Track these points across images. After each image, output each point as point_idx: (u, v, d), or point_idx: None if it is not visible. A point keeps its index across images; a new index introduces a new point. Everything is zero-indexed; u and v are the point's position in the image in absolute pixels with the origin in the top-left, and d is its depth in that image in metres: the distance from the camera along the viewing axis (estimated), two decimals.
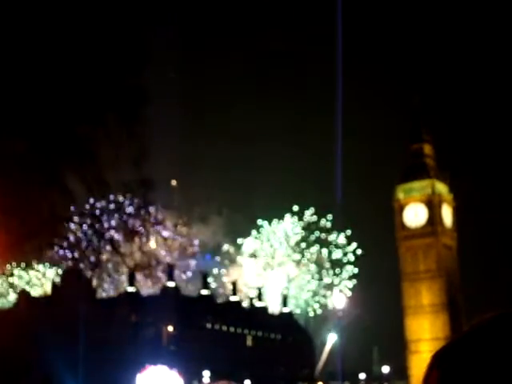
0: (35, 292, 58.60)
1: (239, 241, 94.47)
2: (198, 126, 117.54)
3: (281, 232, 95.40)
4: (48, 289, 59.64)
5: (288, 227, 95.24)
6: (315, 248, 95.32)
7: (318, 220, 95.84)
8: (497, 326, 0.95)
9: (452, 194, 77.81)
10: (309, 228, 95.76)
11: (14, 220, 24.99)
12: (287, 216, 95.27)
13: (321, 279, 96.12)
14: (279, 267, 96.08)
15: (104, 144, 26.64)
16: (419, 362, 71.20)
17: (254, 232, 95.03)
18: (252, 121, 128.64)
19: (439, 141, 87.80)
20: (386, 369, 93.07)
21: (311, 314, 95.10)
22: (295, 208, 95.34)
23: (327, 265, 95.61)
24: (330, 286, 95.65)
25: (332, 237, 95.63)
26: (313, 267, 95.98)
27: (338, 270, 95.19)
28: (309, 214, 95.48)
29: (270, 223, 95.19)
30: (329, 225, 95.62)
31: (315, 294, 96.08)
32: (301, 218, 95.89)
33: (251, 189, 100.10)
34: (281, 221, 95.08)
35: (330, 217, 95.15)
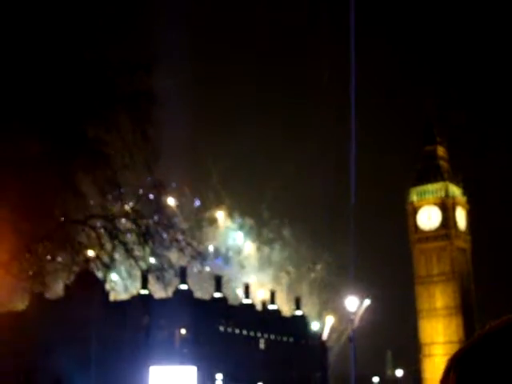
0: (48, 294, 58.74)
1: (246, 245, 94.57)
2: (208, 129, 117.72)
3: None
4: (61, 291, 59.75)
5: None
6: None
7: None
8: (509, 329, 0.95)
9: (466, 196, 77.36)
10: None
11: (27, 223, 25.00)
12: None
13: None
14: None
15: (117, 146, 26.65)
16: (433, 365, 70.80)
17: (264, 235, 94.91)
18: (258, 121, 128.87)
19: (453, 143, 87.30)
20: (399, 372, 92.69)
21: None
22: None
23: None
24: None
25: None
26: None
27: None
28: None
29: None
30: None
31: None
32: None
33: (260, 192, 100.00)
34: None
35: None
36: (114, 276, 40.90)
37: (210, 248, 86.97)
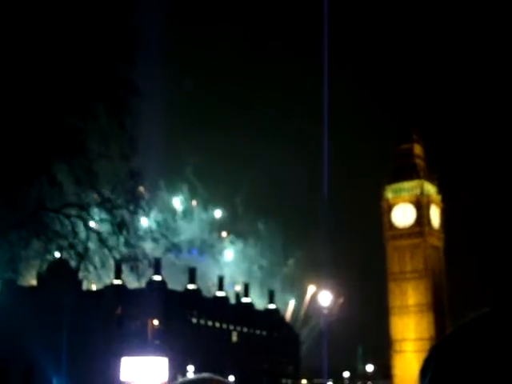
0: (21, 282, 58.34)
1: (224, 235, 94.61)
2: (186, 120, 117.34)
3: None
4: (33, 279, 59.38)
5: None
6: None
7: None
8: (493, 318, 0.96)
9: (440, 195, 78.04)
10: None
11: (0, 210, 24.80)
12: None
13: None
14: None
15: (93, 135, 26.49)
16: (403, 361, 71.46)
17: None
18: (240, 114, 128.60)
19: (428, 142, 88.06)
20: (370, 367, 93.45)
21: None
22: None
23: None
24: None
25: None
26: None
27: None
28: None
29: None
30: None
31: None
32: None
33: (237, 186, 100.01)
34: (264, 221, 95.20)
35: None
36: (87, 265, 40.77)
37: (185, 240, 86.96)
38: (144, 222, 32.12)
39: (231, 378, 69.41)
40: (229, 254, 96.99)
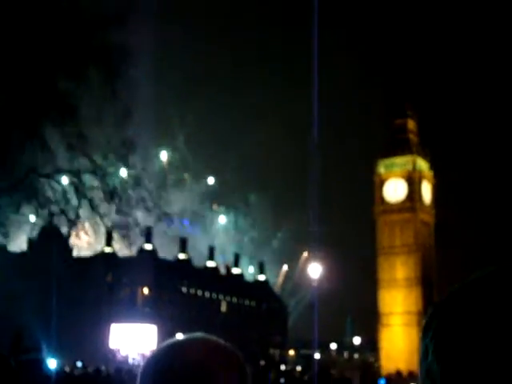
0: (11, 247, 58.39)
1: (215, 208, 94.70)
2: (182, 89, 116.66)
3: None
4: (24, 244, 59.39)
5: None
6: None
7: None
8: (497, 277, 0.95)
9: (432, 171, 78.18)
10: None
11: None
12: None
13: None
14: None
15: (86, 101, 26.30)
16: (390, 334, 72.14)
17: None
18: (230, 88, 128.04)
19: (422, 117, 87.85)
20: (357, 340, 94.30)
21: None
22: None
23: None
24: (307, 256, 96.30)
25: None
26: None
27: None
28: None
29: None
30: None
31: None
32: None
33: (227, 158, 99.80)
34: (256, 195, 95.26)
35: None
36: (78, 232, 40.74)
37: (176, 209, 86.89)
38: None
39: None
40: (220, 225, 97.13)
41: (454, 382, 0.92)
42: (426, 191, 76.86)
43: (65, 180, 27.74)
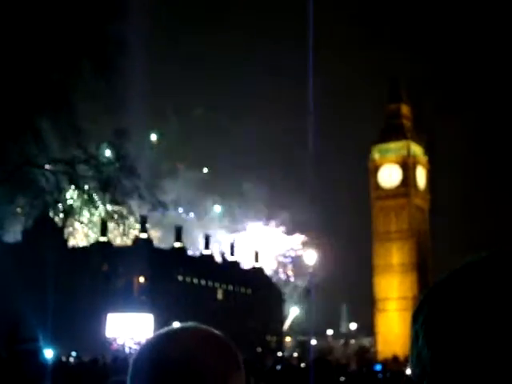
0: (6, 238, 58.22)
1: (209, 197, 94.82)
2: (174, 76, 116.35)
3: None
4: (19, 235, 59.25)
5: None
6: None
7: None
8: (485, 264, 0.94)
9: (427, 156, 78.30)
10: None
11: None
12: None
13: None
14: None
15: (79, 92, 26.20)
16: (386, 319, 72.49)
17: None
18: (226, 73, 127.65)
19: (417, 102, 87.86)
20: (353, 326, 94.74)
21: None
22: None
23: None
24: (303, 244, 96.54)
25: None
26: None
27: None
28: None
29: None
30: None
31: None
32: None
33: (221, 146, 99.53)
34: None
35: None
36: (72, 222, 40.68)
37: (171, 198, 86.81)
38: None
39: None
40: (214, 213, 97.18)
41: (444, 367, 0.92)
42: (421, 176, 77.02)
43: (58, 170, 27.67)
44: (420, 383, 0.97)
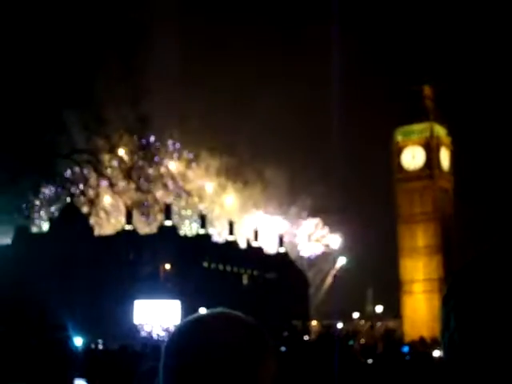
0: (33, 228, 58.90)
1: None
2: (198, 64, 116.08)
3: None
4: (45, 225, 59.93)
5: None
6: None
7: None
8: None
9: (450, 137, 77.63)
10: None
11: (10, 156, 24.88)
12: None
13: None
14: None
15: (103, 81, 26.33)
16: (412, 301, 72.35)
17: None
18: (250, 61, 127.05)
19: (440, 83, 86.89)
20: (379, 308, 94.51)
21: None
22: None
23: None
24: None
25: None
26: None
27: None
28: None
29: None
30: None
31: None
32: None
33: (242, 133, 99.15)
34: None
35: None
36: (98, 211, 41.09)
37: (194, 186, 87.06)
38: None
39: None
40: (237, 199, 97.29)
41: (475, 350, 0.91)
42: (445, 158, 76.44)
43: (83, 160, 27.91)
44: (452, 366, 0.97)
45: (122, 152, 27.69)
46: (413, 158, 75.00)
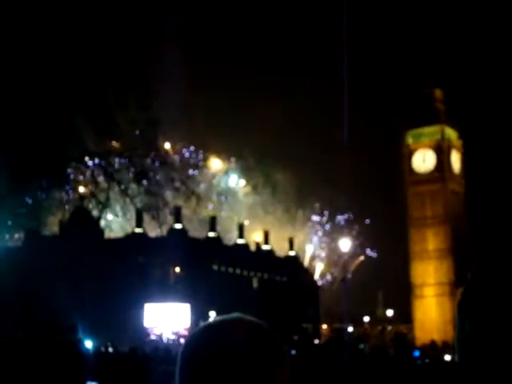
0: (43, 230, 59.10)
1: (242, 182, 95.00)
2: (204, 65, 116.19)
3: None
4: (56, 228, 60.13)
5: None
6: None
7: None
8: None
9: (461, 139, 77.35)
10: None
11: (22, 159, 25.00)
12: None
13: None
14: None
15: (112, 85, 26.42)
16: (423, 305, 72.06)
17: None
18: (257, 59, 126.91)
19: (450, 85, 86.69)
20: (390, 312, 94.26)
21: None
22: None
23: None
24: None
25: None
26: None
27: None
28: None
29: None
30: None
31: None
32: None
33: (251, 135, 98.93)
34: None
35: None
36: (108, 214, 41.15)
37: (203, 188, 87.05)
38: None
39: None
40: (247, 202, 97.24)
41: (489, 353, 0.92)
42: (456, 160, 76.18)
43: (93, 163, 27.99)
44: (467, 369, 0.97)
45: (132, 155, 27.76)
46: (423, 160, 74.78)
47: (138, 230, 66.44)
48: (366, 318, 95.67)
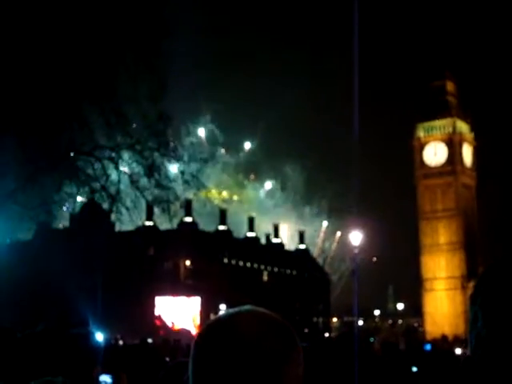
0: (54, 224, 59.30)
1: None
2: (217, 59, 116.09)
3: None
4: (66, 221, 60.32)
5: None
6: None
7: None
8: None
9: (473, 133, 76.93)
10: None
11: (33, 152, 25.02)
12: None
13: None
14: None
15: (123, 78, 26.42)
16: (434, 299, 71.83)
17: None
18: (271, 60, 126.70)
19: (462, 78, 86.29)
20: (400, 306, 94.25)
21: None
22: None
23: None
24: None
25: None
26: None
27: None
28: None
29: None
30: None
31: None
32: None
33: (256, 128, 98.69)
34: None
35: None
36: (119, 207, 41.20)
37: (213, 182, 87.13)
38: (173, 168, 32.32)
39: None
40: (257, 195, 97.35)
41: (503, 347, 0.92)
42: (467, 154, 75.78)
43: (104, 156, 28.01)
44: (480, 363, 0.97)
45: (142, 149, 27.81)
46: (435, 154, 74.45)
47: (149, 223, 66.61)
48: (377, 312, 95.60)
